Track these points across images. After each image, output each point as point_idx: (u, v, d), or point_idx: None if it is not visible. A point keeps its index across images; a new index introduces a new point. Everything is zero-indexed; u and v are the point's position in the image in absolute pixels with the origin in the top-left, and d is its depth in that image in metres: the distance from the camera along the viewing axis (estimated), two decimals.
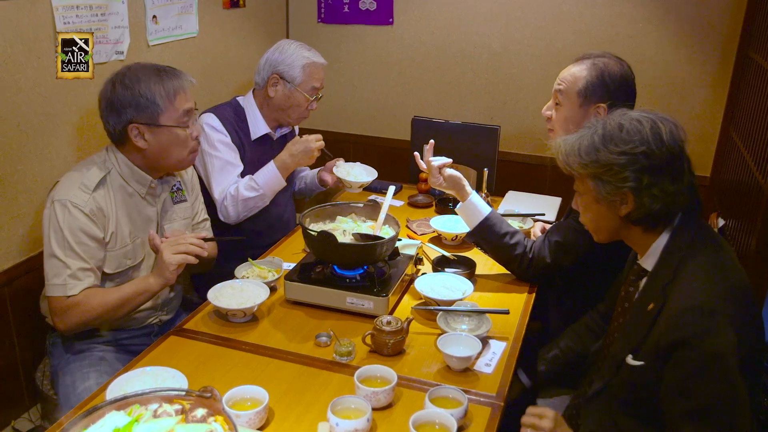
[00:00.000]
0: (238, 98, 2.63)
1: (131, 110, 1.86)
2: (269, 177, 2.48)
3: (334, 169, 2.63)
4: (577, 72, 2.03)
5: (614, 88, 1.99)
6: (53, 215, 1.83)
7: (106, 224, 1.89)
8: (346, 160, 2.71)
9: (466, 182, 2.19)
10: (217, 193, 2.46)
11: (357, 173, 2.64)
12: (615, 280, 2.07)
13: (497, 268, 2.21)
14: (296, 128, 2.86)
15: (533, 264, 2.08)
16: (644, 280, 1.53)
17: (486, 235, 2.13)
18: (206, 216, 2.30)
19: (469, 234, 2.19)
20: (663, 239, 1.49)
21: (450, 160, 2.24)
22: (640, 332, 1.43)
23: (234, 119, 2.54)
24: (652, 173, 1.41)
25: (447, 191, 2.24)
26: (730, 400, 1.30)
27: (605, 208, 1.49)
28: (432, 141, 2.29)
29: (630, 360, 1.43)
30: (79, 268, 1.83)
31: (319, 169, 2.81)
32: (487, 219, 2.12)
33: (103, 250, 1.89)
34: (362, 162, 2.72)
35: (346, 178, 2.59)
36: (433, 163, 2.22)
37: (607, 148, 1.43)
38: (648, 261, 1.52)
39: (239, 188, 2.45)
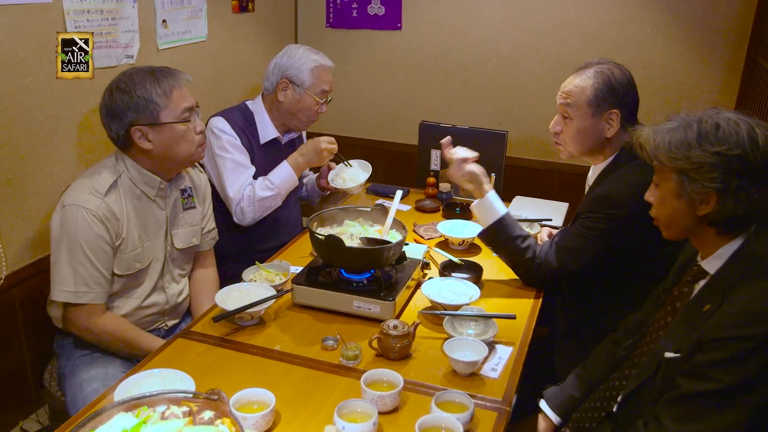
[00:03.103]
0: (247, 102, 2.64)
1: (131, 113, 1.87)
2: (284, 176, 2.51)
3: (331, 183, 2.64)
4: (581, 82, 2.00)
5: (623, 93, 1.98)
6: (66, 220, 1.84)
7: (118, 228, 1.90)
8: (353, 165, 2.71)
9: (486, 179, 2.14)
10: (232, 193, 2.45)
11: (351, 175, 2.64)
12: (623, 285, 2.06)
13: (504, 273, 2.21)
14: (303, 133, 2.87)
15: (540, 269, 2.07)
16: (702, 282, 1.51)
17: (499, 236, 2.10)
18: (214, 226, 2.31)
19: (481, 232, 2.16)
20: (735, 244, 1.46)
21: (476, 154, 2.18)
22: (688, 331, 1.41)
23: (243, 123, 2.55)
24: (741, 177, 1.37)
25: (466, 185, 2.17)
26: (741, 402, 1.30)
27: (684, 205, 1.45)
28: (449, 137, 2.23)
29: (669, 354, 1.43)
30: (90, 276, 1.85)
31: (316, 175, 2.83)
32: (502, 219, 2.09)
33: (114, 255, 1.91)
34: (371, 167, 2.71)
35: (342, 186, 2.61)
36: (457, 154, 2.15)
37: (701, 146, 1.39)
38: (712, 263, 1.48)
39: (255, 188, 2.46)
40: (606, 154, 2.07)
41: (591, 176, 2.24)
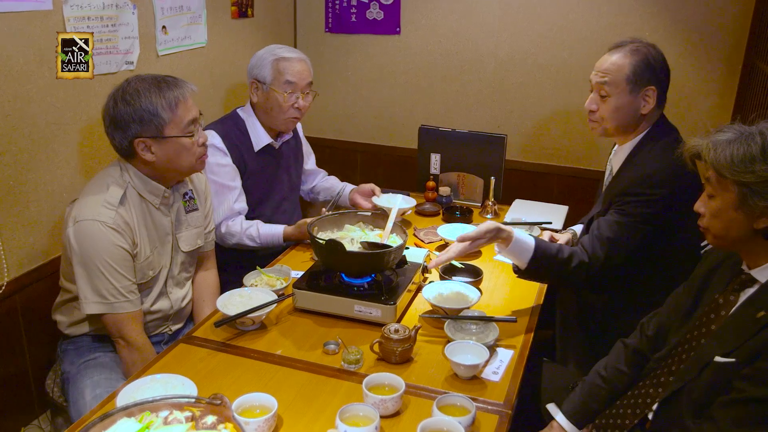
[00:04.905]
0: (237, 110, 2.62)
1: (135, 125, 1.86)
2: (273, 238, 2.50)
3: (375, 200, 2.64)
4: (618, 60, 2.02)
5: (659, 69, 2.01)
6: (82, 236, 1.83)
7: (133, 238, 1.91)
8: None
9: (500, 224, 1.94)
10: (214, 217, 2.46)
11: (397, 202, 2.50)
12: (628, 286, 2.06)
13: (505, 276, 2.21)
14: (300, 133, 2.86)
15: (590, 269, 1.96)
16: (750, 290, 1.49)
17: (542, 263, 1.94)
18: (213, 226, 2.32)
19: (524, 271, 1.98)
20: None
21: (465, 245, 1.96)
22: (741, 337, 1.41)
23: (235, 134, 2.53)
24: None
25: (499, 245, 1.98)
26: None
27: (742, 217, 1.44)
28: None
29: (719, 359, 1.42)
30: (123, 286, 1.87)
31: (352, 188, 2.82)
32: (537, 248, 1.93)
33: (134, 263, 1.93)
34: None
35: (384, 205, 2.57)
36: (459, 247, 1.96)
37: (766, 160, 1.37)
38: (765, 272, 1.47)
39: (243, 233, 2.47)
40: (638, 132, 2.08)
41: (615, 158, 2.19)
